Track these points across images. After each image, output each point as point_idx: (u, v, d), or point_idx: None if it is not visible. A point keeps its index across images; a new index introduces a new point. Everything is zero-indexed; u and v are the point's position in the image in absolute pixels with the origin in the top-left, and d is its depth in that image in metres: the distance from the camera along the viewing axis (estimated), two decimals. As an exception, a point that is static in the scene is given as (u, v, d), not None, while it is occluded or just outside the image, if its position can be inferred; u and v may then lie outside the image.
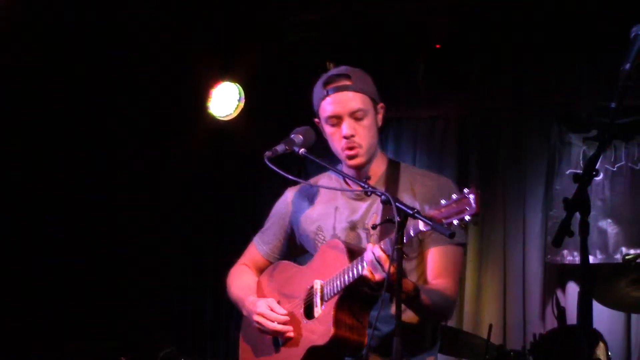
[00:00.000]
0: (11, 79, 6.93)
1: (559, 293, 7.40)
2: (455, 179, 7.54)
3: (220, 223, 8.18)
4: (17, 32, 6.52)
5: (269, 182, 7.67)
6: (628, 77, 3.02)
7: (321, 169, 4.26)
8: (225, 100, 7.52)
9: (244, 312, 4.36)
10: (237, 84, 7.53)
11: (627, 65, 3.04)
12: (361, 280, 3.80)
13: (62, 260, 7.63)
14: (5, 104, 7.03)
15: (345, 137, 4.08)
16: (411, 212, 3.58)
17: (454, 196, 3.52)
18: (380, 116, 4.20)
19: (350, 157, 4.12)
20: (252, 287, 4.45)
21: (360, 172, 4.17)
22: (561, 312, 6.41)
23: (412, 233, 3.65)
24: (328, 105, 4.12)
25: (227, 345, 8.16)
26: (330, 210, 4.25)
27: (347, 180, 4.23)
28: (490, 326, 6.34)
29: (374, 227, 4.04)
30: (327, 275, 4.04)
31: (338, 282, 3.94)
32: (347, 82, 4.10)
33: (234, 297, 4.49)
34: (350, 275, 3.85)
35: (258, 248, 4.54)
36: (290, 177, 4.05)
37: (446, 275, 4.07)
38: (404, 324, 3.81)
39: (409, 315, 4.05)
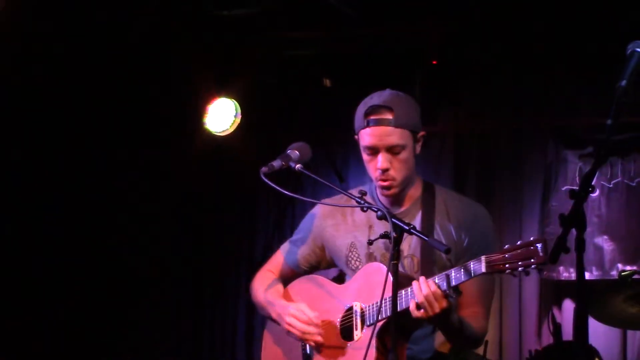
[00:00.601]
0: (11, 80, 6.93)
1: (554, 309, 7.39)
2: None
3: (216, 237, 8.19)
4: (18, 38, 6.53)
5: (265, 198, 7.71)
6: (624, 93, 3.02)
7: (319, 185, 4.26)
8: (221, 115, 7.52)
9: (274, 315, 4.35)
10: (233, 99, 7.53)
11: (624, 82, 3.03)
12: (408, 311, 3.81)
13: (61, 262, 7.63)
14: (5, 104, 7.03)
15: (380, 170, 4.08)
16: (407, 227, 3.62)
17: (519, 242, 3.59)
18: (419, 144, 4.20)
19: (384, 188, 4.13)
20: (281, 292, 4.45)
21: (397, 198, 4.18)
22: (557, 329, 6.42)
23: (473, 274, 3.69)
24: (366, 135, 4.09)
25: (222, 346, 8.17)
26: (364, 228, 4.25)
27: (376, 197, 4.24)
28: (486, 342, 6.33)
29: (369, 242, 4.05)
30: (368, 299, 4.05)
31: (383, 310, 3.92)
32: (388, 116, 4.05)
33: (260, 300, 4.47)
34: (398, 306, 3.80)
35: (286, 257, 4.53)
36: (286, 192, 4.06)
37: (478, 304, 4.10)
38: (436, 352, 4.02)
39: (440, 341, 4.13)
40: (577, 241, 3.01)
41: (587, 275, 7.17)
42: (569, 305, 7.41)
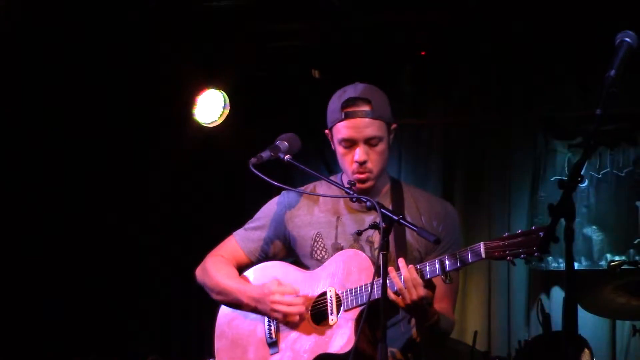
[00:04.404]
0: (9, 79, 6.92)
1: (543, 299, 7.40)
2: (440, 186, 7.66)
3: (205, 229, 8.17)
4: (10, 33, 6.52)
5: (255, 189, 7.69)
6: (613, 83, 3.02)
7: (307, 176, 4.25)
8: (210, 107, 7.52)
9: (245, 299, 4.24)
10: (222, 91, 7.52)
11: (612, 72, 3.03)
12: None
13: (48, 266, 7.60)
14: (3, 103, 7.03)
15: (358, 162, 4.07)
16: (396, 218, 3.63)
17: (519, 231, 3.64)
18: (392, 136, 4.18)
19: (361, 181, 4.11)
20: (244, 280, 4.38)
21: (366, 191, 4.13)
22: (546, 319, 6.43)
23: (470, 259, 3.73)
24: (344, 128, 4.07)
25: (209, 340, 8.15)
26: (332, 219, 4.24)
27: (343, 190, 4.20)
28: (475, 333, 6.34)
29: (358, 232, 4.07)
30: (344, 284, 4.04)
31: (364, 295, 3.92)
32: (366, 108, 4.05)
33: (221, 285, 4.36)
34: (371, 293, 3.77)
35: (241, 245, 4.44)
36: (275, 183, 4.07)
37: (447, 299, 4.12)
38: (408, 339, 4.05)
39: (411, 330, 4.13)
40: (566, 231, 3.01)
41: (576, 266, 7.19)
42: (557, 296, 7.44)
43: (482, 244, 3.70)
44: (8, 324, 7.32)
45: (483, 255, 3.69)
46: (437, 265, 3.78)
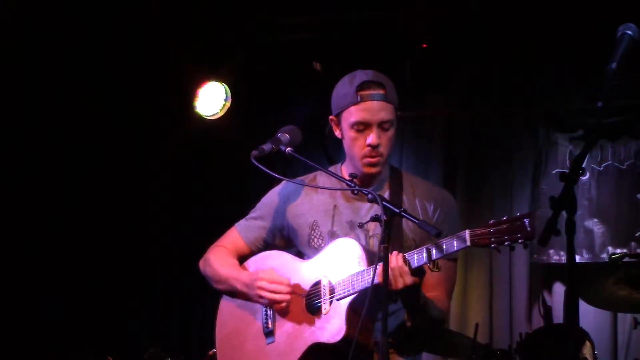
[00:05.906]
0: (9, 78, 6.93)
1: (545, 292, 7.42)
2: (442, 179, 7.64)
3: (206, 222, 8.17)
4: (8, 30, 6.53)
5: (256, 181, 7.70)
6: (614, 76, 3.02)
7: (308, 168, 4.25)
8: (212, 99, 7.52)
9: (239, 286, 4.29)
10: (223, 83, 7.53)
11: (614, 64, 3.03)
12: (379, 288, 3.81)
13: (48, 261, 7.59)
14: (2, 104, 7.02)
15: (371, 146, 4.07)
16: (398, 211, 3.63)
17: (505, 217, 3.62)
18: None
19: (371, 165, 4.12)
20: (239, 267, 4.43)
21: (366, 178, 4.16)
22: (547, 312, 6.43)
23: (456, 247, 3.71)
24: (359, 111, 4.08)
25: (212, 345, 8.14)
26: (328, 208, 4.25)
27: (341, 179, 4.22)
28: (477, 325, 6.33)
29: (360, 225, 4.07)
30: (337, 273, 4.05)
31: (356, 283, 3.94)
32: (381, 92, 4.08)
33: (220, 274, 4.42)
34: (374, 279, 3.79)
35: (242, 234, 4.48)
36: (276, 175, 4.08)
37: (440, 289, 4.11)
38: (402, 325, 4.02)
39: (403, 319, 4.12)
40: (568, 223, 3.01)
41: (578, 258, 7.19)
42: (559, 288, 7.44)
43: (467, 231, 3.68)
44: (8, 324, 7.32)
45: (468, 243, 3.67)
46: (424, 254, 3.77)
